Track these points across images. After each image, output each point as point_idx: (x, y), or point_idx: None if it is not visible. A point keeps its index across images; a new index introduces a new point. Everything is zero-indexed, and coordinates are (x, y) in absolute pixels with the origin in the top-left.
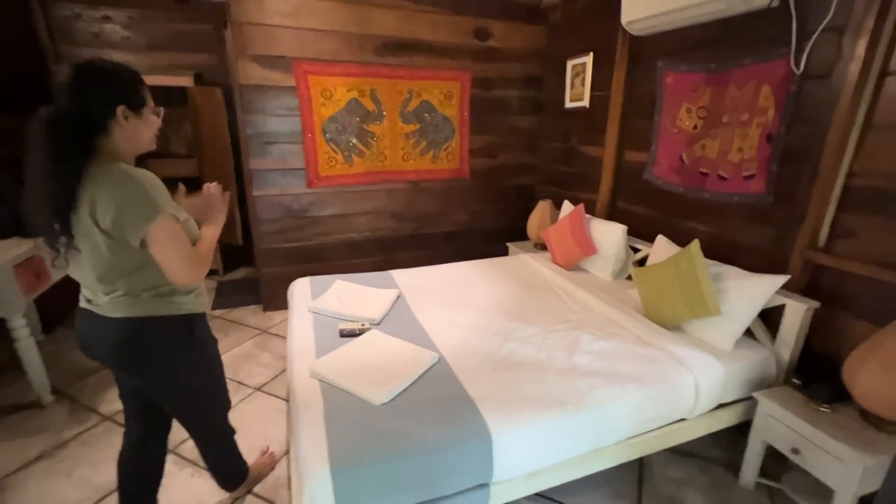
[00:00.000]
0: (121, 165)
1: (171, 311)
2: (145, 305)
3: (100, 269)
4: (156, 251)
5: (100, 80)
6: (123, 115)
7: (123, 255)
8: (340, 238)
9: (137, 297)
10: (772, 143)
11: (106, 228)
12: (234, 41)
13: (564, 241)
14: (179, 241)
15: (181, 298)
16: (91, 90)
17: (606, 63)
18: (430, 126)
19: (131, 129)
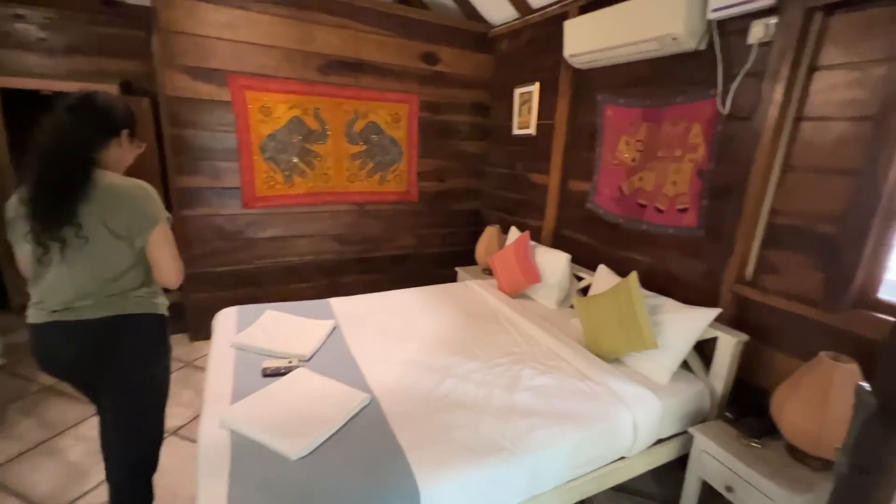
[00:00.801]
0: (120, 178)
1: (150, 309)
2: (130, 303)
3: (116, 266)
4: (154, 251)
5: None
6: (127, 137)
7: (122, 257)
8: (279, 262)
9: (125, 295)
10: (702, 178)
11: (118, 232)
12: (161, 50)
13: (510, 268)
14: (173, 243)
15: (158, 299)
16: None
17: (552, 93)
18: (377, 147)
19: (125, 151)
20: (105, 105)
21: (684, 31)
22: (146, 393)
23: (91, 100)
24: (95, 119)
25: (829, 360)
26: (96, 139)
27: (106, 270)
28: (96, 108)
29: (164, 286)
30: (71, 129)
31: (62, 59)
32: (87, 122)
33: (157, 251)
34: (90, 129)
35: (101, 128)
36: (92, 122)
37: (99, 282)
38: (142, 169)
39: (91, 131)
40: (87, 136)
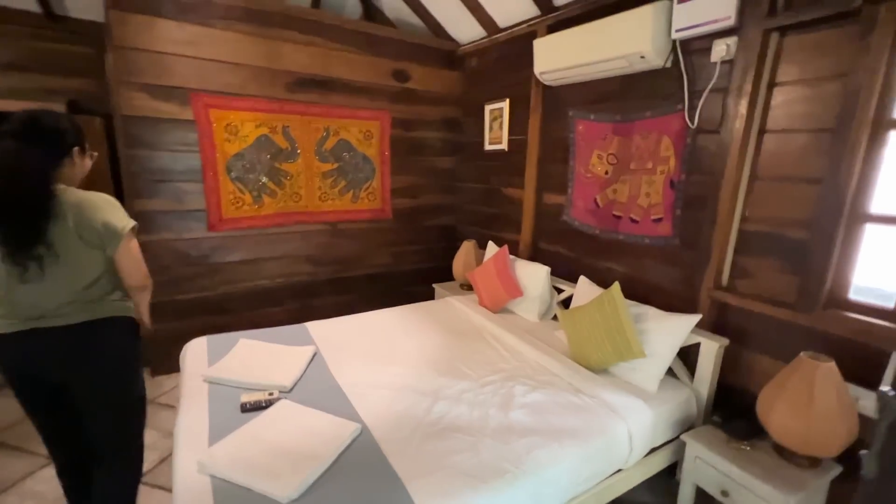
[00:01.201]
0: (87, 192)
1: (124, 312)
2: (106, 307)
3: (87, 274)
4: (123, 258)
5: (66, 122)
6: (78, 154)
7: (95, 265)
8: (249, 286)
9: (101, 300)
10: (675, 189)
11: (92, 241)
12: (115, 67)
13: (490, 283)
14: (138, 248)
15: (129, 303)
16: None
17: (523, 108)
18: (349, 165)
19: (76, 167)
20: (52, 127)
21: (651, 49)
22: (128, 394)
23: (36, 123)
24: (44, 144)
25: (810, 361)
26: (50, 163)
27: (81, 279)
28: (44, 132)
29: (134, 287)
30: (23, 157)
31: (1, 76)
32: (37, 148)
33: (126, 258)
34: (42, 155)
35: (51, 152)
36: (41, 147)
37: (75, 290)
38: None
39: (43, 157)
40: (40, 162)
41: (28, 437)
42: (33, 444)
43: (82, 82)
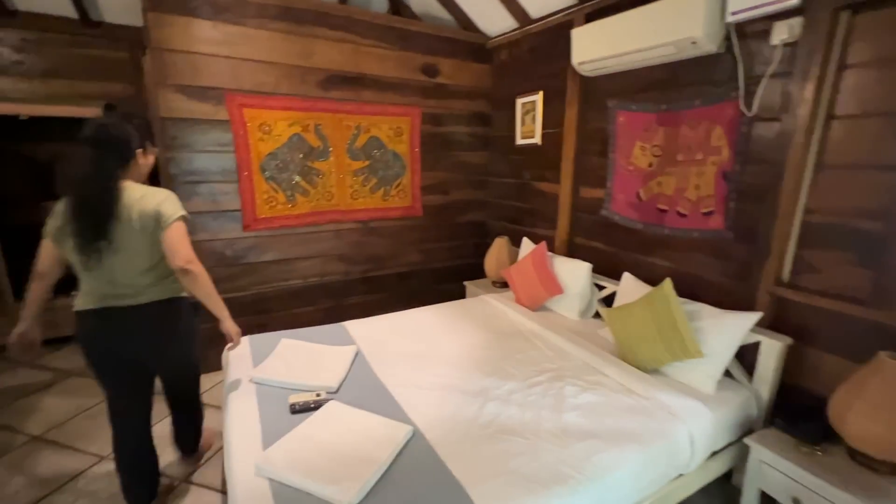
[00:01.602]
0: (150, 187)
1: (180, 293)
2: (173, 287)
3: (145, 260)
4: (168, 238)
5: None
6: (142, 154)
7: (152, 253)
8: (282, 286)
9: (165, 281)
10: (728, 180)
11: (148, 230)
12: (154, 70)
13: (528, 280)
14: (183, 233)
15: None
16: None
17: (557, 101)
18: (379, 163)
19: (141, 165)
20: (118, 135)
21: (703, 34)
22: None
23: (105, 132)
24: (112, 150)
25: (892, 361)
26: (118, 166)
27: (138, 266)
28: (111, 140)
29: (176, 269)
30: (95, 163)
31: (40, 83)
32: (107, 155)
33: (169, 240)
34: (110, 161)
35: (119, 157)
36: (110, 153)
37: (134, 275)
38: None
39: (111, 163)
40: (108, 168)
41: (79, 436)
42: (84, 442)
43: (118, 87)
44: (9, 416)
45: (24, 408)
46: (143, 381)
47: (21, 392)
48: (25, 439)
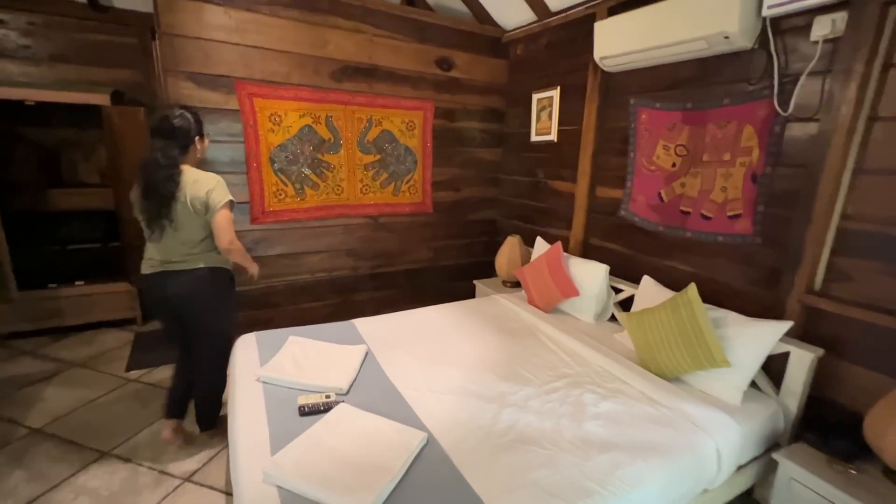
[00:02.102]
0: (202, 172)
1: (225, 264)
2: (215, 258)
3: (197, 235)
4: (216, 223)
5: (189, 119)
6: (199, 141)
7: (201, 229)
8: (290, 280)
9: (210, 252)
10: (757, 183)
11: (199, 210)
12: (163, 56)
13: (542, 281)
14: (228, 219)
15: (221, 256)
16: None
17: (575, 97)
18: (391, 157)
19: (198, 151)
20: (179, 126)
21: (738, 28)
22: (222, 325)
23: (168, 123)
24: (175, 139)
25: None
26: (178, 153)
27: (191, 239)
28: (174, 130)
29: (222, 249)
30: (159, 150)
31: (47, 68)
32: (169, 143)
33: (217, 225)
34: (172, 149)
35: (180, 145)
36: (172, 142)
37: (187, 247)
38: None
39: (173, 150)
40: (171, 154)
41: (80, 430)
42: (85, 436)
43: (125, 73)
44: (10, 406)
45: (25, 398)
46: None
47: (23, 382)
48: (26, 432)
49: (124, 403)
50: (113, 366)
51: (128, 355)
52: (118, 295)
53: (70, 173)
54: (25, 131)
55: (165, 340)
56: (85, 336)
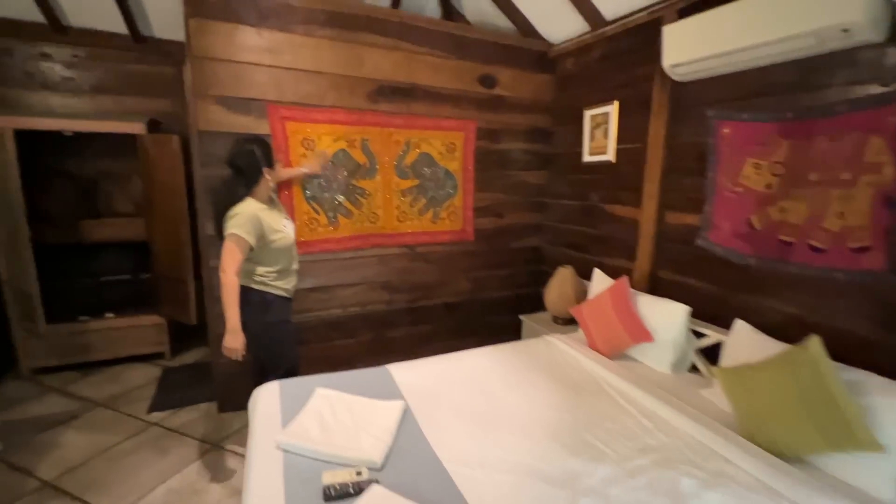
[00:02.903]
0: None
1: (252, 285)
2: (248, 279)
3: None
4: (223, 249)
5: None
6: (268, 173)
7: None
8: (321, 315)
9: (245, 273)
10: (892, 207)
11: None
12: (194, 80)
13: (607, 322)
14: (230, 253)
15: (259, 279)
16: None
17: (637, 112)
18: (429, 182)
19: (268, 182)
20: (244, 161)
21: (863, 18)
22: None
23: (233, 159)
24: (239, 173)
25: None
26: (243, 191)
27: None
28: (238, 166)
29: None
30: (225, 184)
31: (88, 99)
32: (238, 179)
33: (222, 250)
34: (238, 185)
35: (247, 181)
36: (241, 178)
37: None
38: (168, 215)
39: (238, 186)
40: (235, 190)
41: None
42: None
43: (163, 103)
44: (27, 454)
45: (43, 444)
46: None
47: (45, 424)
48: (37, 485)
49: (142, 453)
50: (136, 406)
51: (152, 395)
52: (148, 328)
53: (105, 204)
54: (64, 164)
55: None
56: (113, 371)
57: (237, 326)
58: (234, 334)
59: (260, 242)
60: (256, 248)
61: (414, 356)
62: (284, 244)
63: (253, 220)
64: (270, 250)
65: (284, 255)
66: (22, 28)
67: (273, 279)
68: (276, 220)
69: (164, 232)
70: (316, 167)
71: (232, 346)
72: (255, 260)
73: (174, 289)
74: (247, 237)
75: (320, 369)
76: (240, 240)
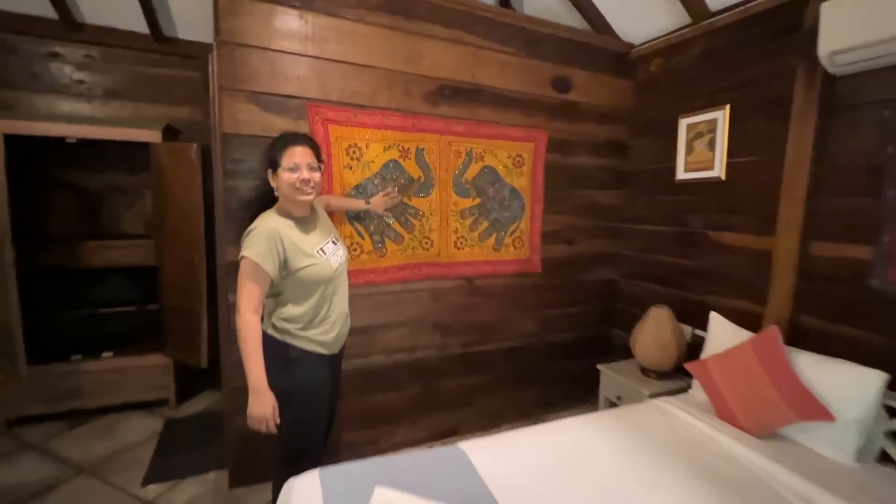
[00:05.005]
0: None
1: (271, 331)
2: (268, 321)
3: None
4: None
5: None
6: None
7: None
8: (360, 364)
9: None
10: None
11: None
12: (220, 70)
13: (754, 389)
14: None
15: (282, 325)
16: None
17: (755, 117)
18: (493, 201)
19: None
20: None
21: None
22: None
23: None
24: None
25: None
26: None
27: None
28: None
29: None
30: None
31: (100, 104)
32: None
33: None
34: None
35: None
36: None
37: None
38: (181, 236)
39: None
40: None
41: None
42: None
43: (186, 110)
44: None
45: None
46: None
47: (11, 498)
48: None
49: None
50: (128, 474)
51: (150, 457)
52: (151, 370)
53: (111, 223)
54: (68, 176)
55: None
56: (106, 422)
57: (262, 385)
58: (259, 396)
59: (282, 271)
60: (278, 280)
61: (468, 410)
62: (317, 276)
63: (271, 238)
64: (297, 284)
65: (318, 292)
66: (30, 24)
67: (300, 327)
68: (309, 242)
69: (176, 256)
70: (380, 205)
71: (259, 413)
72: (276, 296)
73: (184, 323)
74: (263, 263)
75: (356, 427)
76: (255, 267)
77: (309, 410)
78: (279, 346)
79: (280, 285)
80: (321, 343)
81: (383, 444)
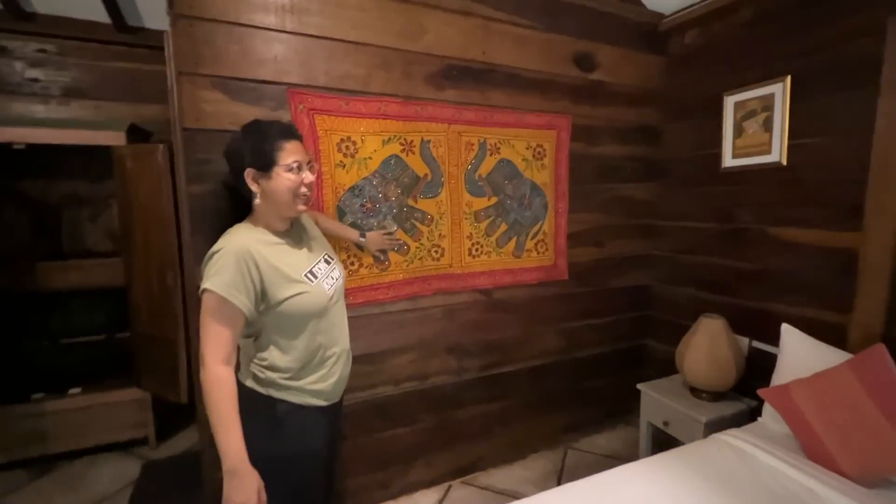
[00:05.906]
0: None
1: (250, 382)
2: (247, 370)
3: None
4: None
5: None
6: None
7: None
8: (364, 398)
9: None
10: None
11: None
12: (177, 50)
13: (858, 423)
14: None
15: (264, 375)
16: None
17: (822, 89)
18: (512, 199)
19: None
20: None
21: None
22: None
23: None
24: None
25: None
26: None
27: None
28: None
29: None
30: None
31: (57, 105)
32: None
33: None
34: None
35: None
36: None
37: None
38: (151, 252)
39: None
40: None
41: None
42: None
43: (156, 109)
44: None
45: None
46: None
47: None
48: None
49: None
50: None
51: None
52: (125, 406)
53: (73, 240)
54: (22, 186)
55: None
56: (75, 469)
57: (240, 463)
58: (237, 479)
59: (260, 305)
60: (254, 317)
61: (489, 441)
62: (306, 308)
63: (241, 261)
64: (280, 320)
65: (308, 329)
66: None
67: (289, 376)
68: (294, 264)
69: (147, 276)
70: (376, 244)
71: (240, 501)
72: (254, 338)
73: (159, 353)
74: (231, 297)
75: (363, 471)
76: (221, 303)
77: (306, 480)
78: (263, 402)
79: (258, 323)
80: (317, 393)
81: (395, 488)
